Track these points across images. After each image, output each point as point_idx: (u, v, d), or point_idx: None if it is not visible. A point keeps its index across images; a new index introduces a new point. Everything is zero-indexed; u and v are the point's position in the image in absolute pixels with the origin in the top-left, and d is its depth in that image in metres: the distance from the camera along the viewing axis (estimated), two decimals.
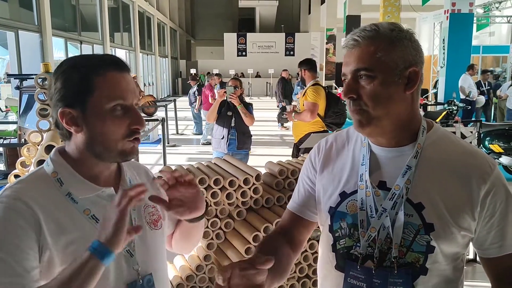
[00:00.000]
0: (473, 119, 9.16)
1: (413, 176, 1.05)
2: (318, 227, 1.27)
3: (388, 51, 1.01)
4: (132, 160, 1.14)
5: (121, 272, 1.06)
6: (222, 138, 4.54)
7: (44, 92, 2.85)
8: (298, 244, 1.28)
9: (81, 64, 1.02)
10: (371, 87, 1.02)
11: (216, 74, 11.72)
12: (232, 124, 4.53)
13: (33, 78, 3.05)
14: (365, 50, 1.02)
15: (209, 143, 9.80)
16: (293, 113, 4.66)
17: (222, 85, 10.83)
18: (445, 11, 10.25)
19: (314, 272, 2.39)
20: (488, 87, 10.75)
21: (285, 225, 1.29)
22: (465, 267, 1.15)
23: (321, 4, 23.38)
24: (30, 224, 0.95)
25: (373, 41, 1.02)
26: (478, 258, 3.66)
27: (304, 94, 4.68)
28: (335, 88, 15.34)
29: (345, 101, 1.11)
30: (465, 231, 1.04)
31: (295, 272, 2.41)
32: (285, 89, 12.09)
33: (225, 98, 4.53)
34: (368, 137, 1.13)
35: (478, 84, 10.50)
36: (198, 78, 11.58)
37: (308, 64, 4.79)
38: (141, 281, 1.09)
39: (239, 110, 4.46)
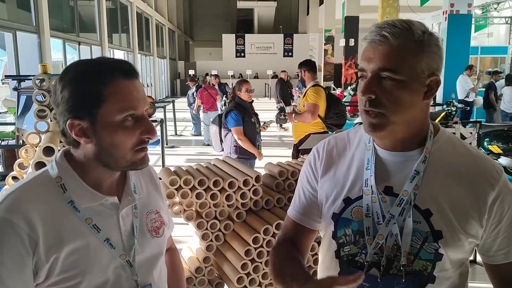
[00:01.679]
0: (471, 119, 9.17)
1: (421, 182, 1.01)
2: None
3: (418, 55, 0.95)
4: None
5: (120, 283, 1.04)
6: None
7: (42, 94, 2.84)
8: (303, 251, 1.25)
9: (89, 73, 0.97)
10: (394, 90, 0.95)
11: (214, 75, 11.74)
12: (257, 131, 4.45)
13: (31, 79, 3.04)
14: (394, 49, 0.94)
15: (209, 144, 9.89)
16: (294, 114, 4.65)
17: (221, 86, 10.84)
18: (443, 12, 10.27)
19: (314, 273, 2.38)
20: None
21: (288, 234, 1.25)
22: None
23: (320, 5, 23.40)
24: (25, 244, 0.93)
25: (405, 41, 0.94)
26: (477, 259, 3.67)
27: (304, 95, 4.67)
28: (334, 89, 15.34)
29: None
30: (472, 238, 1.02)
31: None
32: (283, 90, 12.09)
33: (230, 100, 4.48)
34: (370, 140, 1.09)
35: (491, 85, 10.45)
36: (196, 79, 11.57)
37: (308, 65, 4.78)
38: None
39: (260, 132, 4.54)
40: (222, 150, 4.46)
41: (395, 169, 1.05)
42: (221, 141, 4.46)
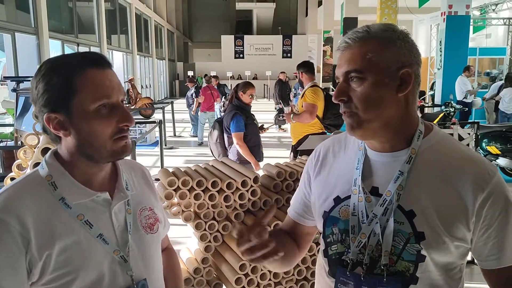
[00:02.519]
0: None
1: (406, 182, 1.02)
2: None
3: (379, 51, 0.99)
4: (129, 158, 1.12)
5: (115, 278, 1.05)
6: (258, 147, 4.20)
7: None
8: (301, 246, 1.32)
9: (60, 66, 0.99)
10: (361, 89, 0.99)
11: (214, 76, 11.76)
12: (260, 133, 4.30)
13: (29, 80, 3.04)
14: (356, 51, 1.00)
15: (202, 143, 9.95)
16: (292, 115, 4.66)
17: (220, 87, 10.86)
18: (441, 13, 10.28)
19: (313, 274, 2.38)
20: None
21: (285, 227, 1.34)
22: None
23: (318, 6, 23.40)
24: (18, 243, 0.94)
25: (364, 42, 1.00)
26: (475, 260, 3.68)
27: (302, 96, 4.69)
28: (332, 90, 15.36)
29: None
30: (459, 241, 1.00)
31: (293, 274, 2.40)
32: (282, 91, 12.09)
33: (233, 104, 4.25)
34: (362, 141, 1.11)
35: (502, 86, 10.44)
36: (195, 80, 11.58)
37: (306, 67, 4.80)
38: (135, 286, 1.08)
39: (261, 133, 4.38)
40: (226, 157, 4.25)
41: (382, 169, 1.07)
42: (225, 148, 4.28)
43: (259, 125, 4.43)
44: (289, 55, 28.61)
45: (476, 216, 0.99)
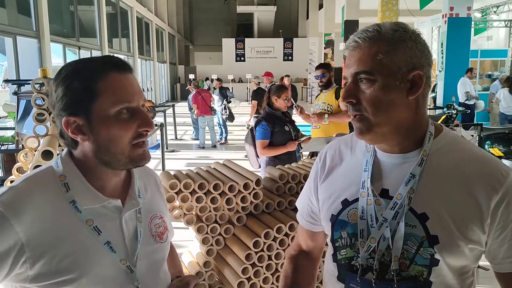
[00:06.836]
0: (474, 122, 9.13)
1: (417, 185, 0.99)
2: None
3: (390, 53, 0.95)
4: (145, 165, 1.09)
5: None
6: (287, 156, 3.87)
7: (41, 97, 2.83)
8: (320, 251, 1.33)
9: (82, 69, 0.98)
10: (371, 92, 0.96)
11: (217, 79, 11.76)
12: (295, 139, 3.95)
13: (30, 83, 3.03)
14: (366, 52, 0.97)
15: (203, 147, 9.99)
16: (326, 115, 4.61)
17: (222, 90, 10.84)
18: (443, 15, 10.29)
19: (317, 277, 2.35)
20: None
21: (300, 241, 1.34)
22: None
23: (319, 9, 23.44)
24: (10, 242, 0.89)
25: (375, 42, 0.96)
26: (480, 263, 3.63)
27: (335, 96, 4.66)
28: None
29: None
30: (473, 244, 0.97)
31: None
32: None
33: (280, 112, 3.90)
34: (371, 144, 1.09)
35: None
36: (197, 84, 11.58)
37: (330, 69, 4.88)
38: None
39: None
40: (260, 166, 4.04)
41: (392, 171, 1.04)
42: (257, 156, 3.99)
43: (298, 135, 4.03)
44: (290, 58, 28.67)
45: (491, 218, 0.96)
